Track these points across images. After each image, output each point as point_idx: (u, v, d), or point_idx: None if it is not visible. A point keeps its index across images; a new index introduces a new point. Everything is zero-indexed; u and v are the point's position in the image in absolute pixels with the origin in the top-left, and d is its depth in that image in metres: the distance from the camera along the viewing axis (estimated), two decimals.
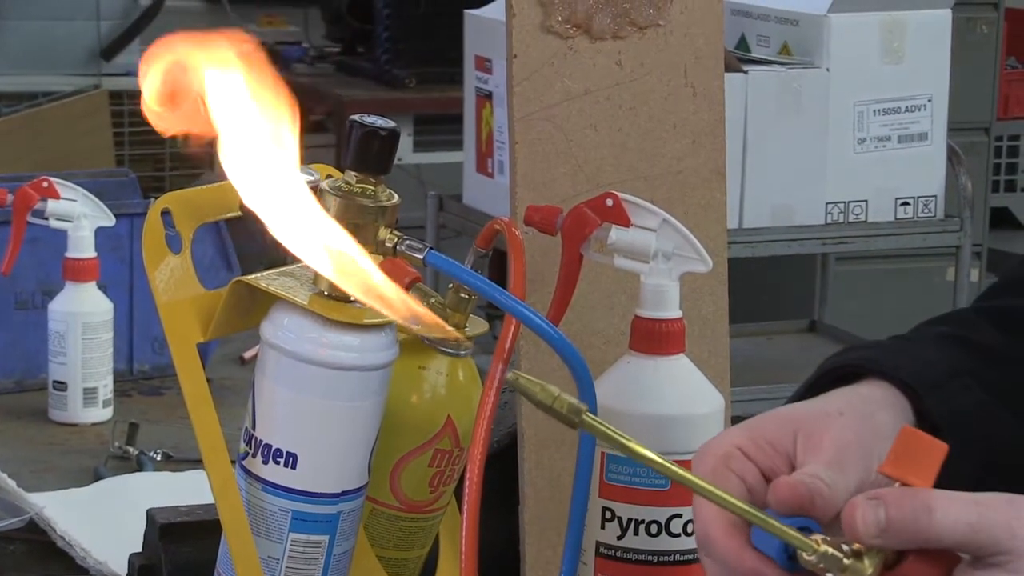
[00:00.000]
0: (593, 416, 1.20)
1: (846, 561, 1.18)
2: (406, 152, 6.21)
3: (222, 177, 1.41)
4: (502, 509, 1.66)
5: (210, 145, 1.40)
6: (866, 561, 1.18)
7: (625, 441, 1.21)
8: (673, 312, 1.52)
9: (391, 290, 1.21)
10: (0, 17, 6.32)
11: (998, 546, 1.12)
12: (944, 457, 1.20)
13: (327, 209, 1.36)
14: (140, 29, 6.76)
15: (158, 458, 2.39)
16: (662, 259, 1.52)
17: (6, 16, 6.33)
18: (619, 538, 1.52)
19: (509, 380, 1.25)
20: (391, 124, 1.41)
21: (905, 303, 5.94)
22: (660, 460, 1.23)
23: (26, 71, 6.33)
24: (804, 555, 1.18)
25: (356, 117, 1.40)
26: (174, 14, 7.10)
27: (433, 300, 1.45)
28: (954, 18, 4.92)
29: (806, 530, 1.23)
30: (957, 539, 1.12)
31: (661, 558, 1.50)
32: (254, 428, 1.42)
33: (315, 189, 1.37)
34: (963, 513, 1.12)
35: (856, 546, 1.18)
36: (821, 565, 1.18)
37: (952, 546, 1.13)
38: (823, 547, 1.18)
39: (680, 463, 1.48)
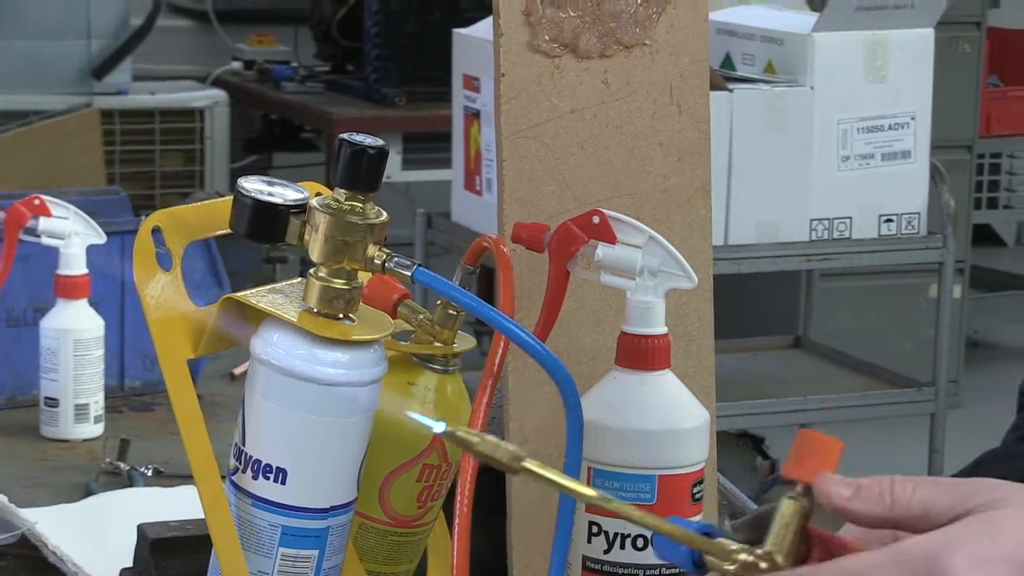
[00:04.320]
0: (533, 462, 1.19)
1: (762, 564, 1.18)
2: (395, 170, 6.22)
3: (212, 195, 1.41)
4: (489, 523, 1.65)
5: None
6: (779, 560, 1.18)
7: (566, 483, 1.22)
8: (659, 328, 1.52)
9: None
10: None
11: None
12: (840, 452, 1.21)
13: (316, 226, 1.36)
14: (131, 48, 6.76)
15: (149, 473, 2.38)
16: (648, 276, 1.52)
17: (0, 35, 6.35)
18: (606, 552, 1.51)
19: (446, 435, 1.25)
20: (379, 142, 1.41)
21: (889, 319, 5.96)
22: (601, 496, 1.24)
23: (17, 89, 6.34)
24: (723, 566, 1.19)
25: (345, 135, 1.40)
26: (164, 33, 7.10)
27: (422, 316, 1.45)
28: (937, 37, 4.93)
29: (713, 535, 1.23)
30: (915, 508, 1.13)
31: (648, 572, 1.50)
32: (244, 444, 1.42)
33: (305, 206, 1.37)
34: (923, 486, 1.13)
35: (767, 549, 1.18)
36: (732, 571, 1.18)
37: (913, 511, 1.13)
38: (740, 556, 1.18)
39: (666, 478, 1.50)
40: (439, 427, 1.22)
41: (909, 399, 5.16)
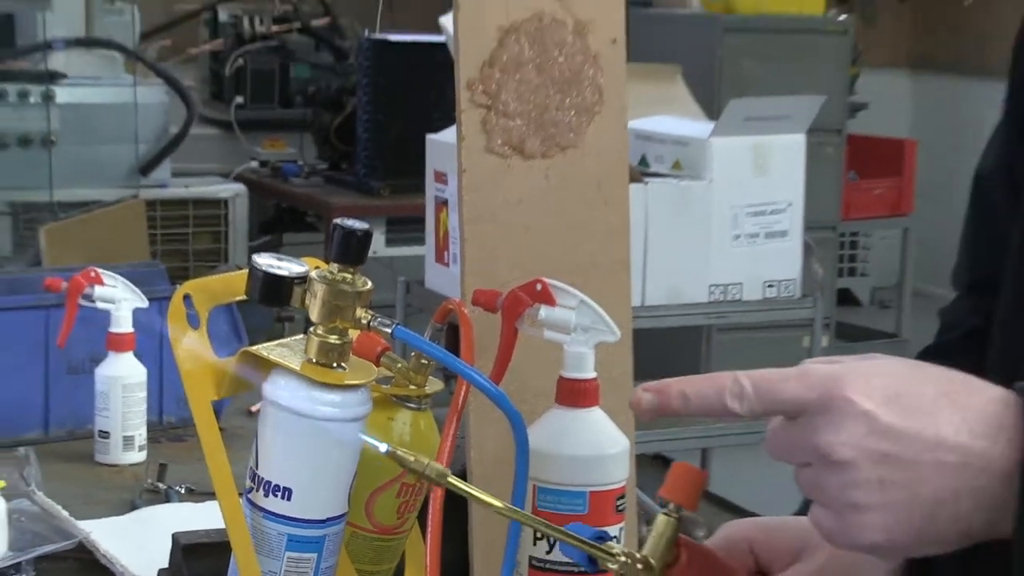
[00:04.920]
0: (455, 478, 1.27)
1: (639, 565, 1.20)
2: (380, 247, 6.21)
3: (233, 268, 1.41)
4: (455, 531, 1.64)
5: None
6: (652, 563, 1.20)
7: (480, 496, 1.27)
8: (589, 374, 1.52)
9: None
10: (61, 142, 6.31)
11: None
12: (704, 483, 1.23)
13: (315, 293, 1.36)
14: (170, 151, 6.75)
15: (182, 492, 2.37)
16: (580, 332, 1.51)
17: (64, 142, 6.32)
18: (547, 553, 1.51)
19: (388, 454, 1.29)
20: (365, 226, 1.40)
21: (771, 364, 5.93)
22: (507, 507, 1.29)
23: (80, 184, 6.32)
24: (606, 564, 1.22)
25: (338, 220, 1.39)
26: (196, 139, 7.09)
27: (400, 365, 1.44)
28: (807, 141, 4.95)
29: (602, 539, 1.26)
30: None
31: (579, 569, 1.49)
32: (257, 468, 1.41)
33: (306, 277, 1.37)
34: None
35: (642, 554, 1.21)
36: (616, 568, 1.21)
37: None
38: (620, 557, 1.21)
39: (595, 493, 1.49)
40: (383, 448, 1.28)
41: None
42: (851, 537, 1.13)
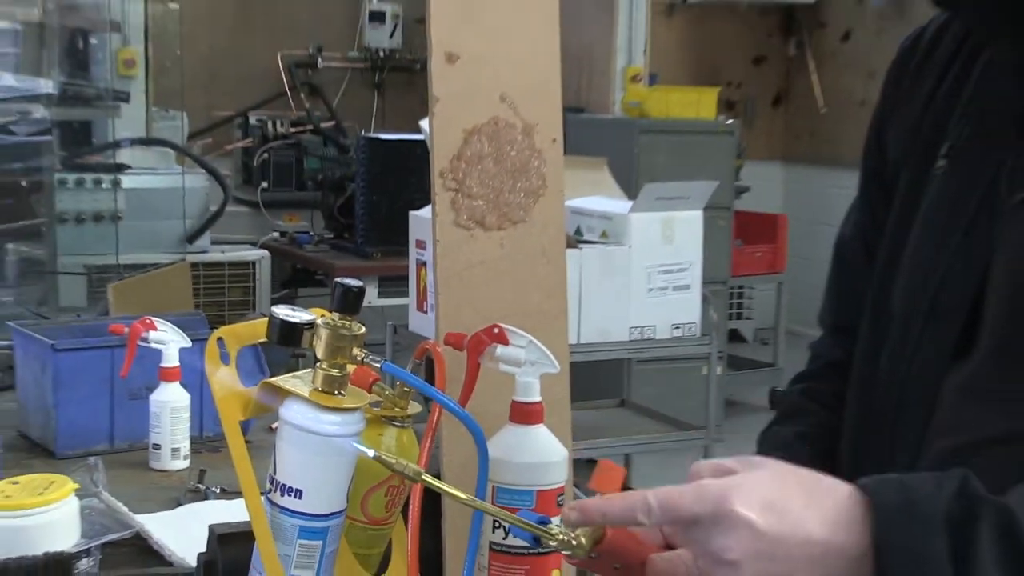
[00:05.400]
0: (429, 476, 1.27)
1: (573, 542, 1.20)
2: (373, 298, 6.21)
3: (258, 317, 1.41)
4: (431, 522, 1.63)
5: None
6: (583, 540, 1.20)
7: (448, 489, 1.28)
8: (536, 398, 1.51)
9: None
10: (126, 218, 6.29)
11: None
12: (624, 478, 1.23)
13: (320, 337, 1.35)
14: (210, 224, 6.74)
15: (217, 492, 2.35)
16: (528, 365, 1.51)
17: (128, 218, 6.30)
18: (503, 538, 1.50)
19: (375, 458, 1.29)
20: (359, 283, 1.40)
21: (677, 388, 5.94)
22: (469, 499, 1.29)
23: (139, 250, 6.30)
24: (548, 542, 1.22)
25: (339, 279, 1.40)
26: (231, 215, 7.07)
27: (387, 392, 1.43)
28: (704, 216, 4.97)
29: (545, 523, 1.26)
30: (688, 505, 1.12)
31: (529, 550, 1.48)
32: (275, 473, 1.39)
33: (312, 326, 1.36)
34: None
35: (575, 532, 1.21)
36: (556, 545, 1.22)
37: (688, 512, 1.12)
38: (559, 535, 1.21)
39: (541, 492, 1.48)
40: (371, 453, 1.29)
41: (690, 438, 5.15)
42: None
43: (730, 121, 8.16)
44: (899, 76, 1.47)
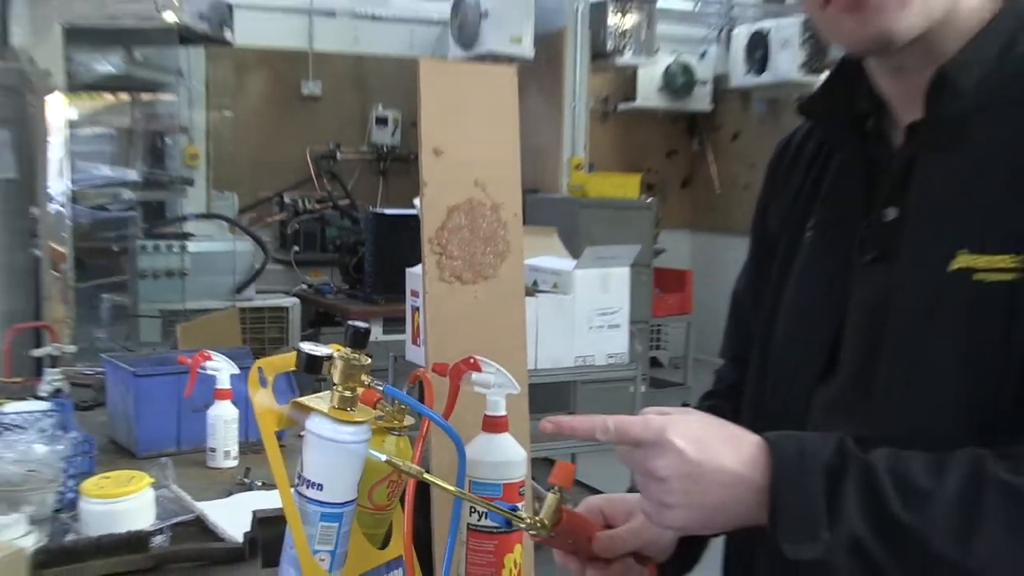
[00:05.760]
0: (428, 474, 1.28)
1: (539, 524, 1.21)
2: (378, 335, 6.19)
3: (290, 350, 1.40)
4: (423, 508, 1.62)
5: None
6: (545, 521, 1.21)
7: (442, 484, 1.28)
8: (502, 412, 1.50)
9: None
10: (191, 275, 6.31)
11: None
12: (574, 472, 1.24)
13: (337, 366, 1.34)
14: (253, 279, 6.74)
15: (259, 485, 2.33)
16: (496, 387, 1.50)
17: (192, 274, 6.33)
18: (479, 520, 1.48)
19: (387, 462, 1.31)
20: (366, 325, 1.39)
21: (611, 403, 5.91)
22: (457, 491, 1.30)
23: (200, 299, 6.31)
24: (517, 524, 1.24)
25: (350, 321, 1.39)
26: (270, 272, 7.07)
27: (388, 409, 1.43)
28: (630, 272, 4.98)
29: (515, 510, 1.30)
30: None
31: (499, 529, 1.47)
32: (302, 471, 1.38)
33: (330, 358, 1.35)
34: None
35: (539, 517, 1.22)
36: (524, 526, 1.22)
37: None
38: (526, 519, 1.22)
39: (506, 484, 1.47)
40: (383, 457, 1.30)
41: None
42: (662, 521, 1.14)
43: (649, 199, 8.19)
44: (776, 168, 1.49)
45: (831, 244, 1.33)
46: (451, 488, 1.29)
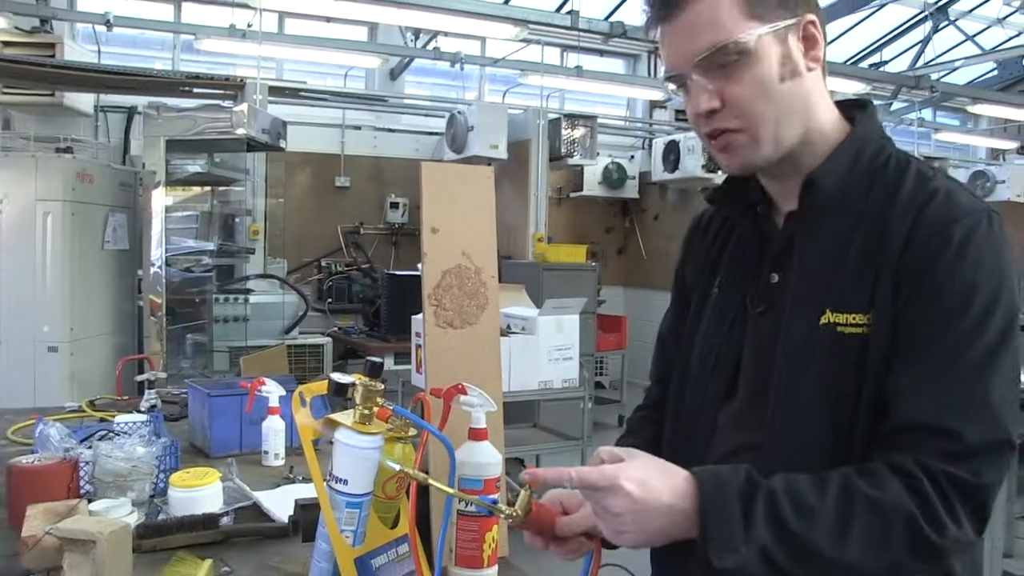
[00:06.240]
0: (431, 479, 1.25)
1: (514, 513, 1.19)
2: (390, 365, 6.12)
3: (325, 378, 1.38)
4: (423, 498, 1.60)
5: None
6: (519, 511, 1.19)
7: (440, 486, 1.25)
8: (483, 425, 1.49)
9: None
10: (252, 320, 6.27)
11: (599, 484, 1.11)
12: (554, 519, 1.25)
13: (358, 390, 1.33)
14: (298, 323, 6.68)
15: (301, 479, 2.29)
16: (479, 406, 1.48)
17: (252, 320, 6.29)
18: (466, 507, 1.47)
19: (400, 471, 1.29)
20: (381, 360, 1.39)
21: (565, 417, 5.86)
22: (453, 491, 1.28)
23: (259, 338, 6.28)
24: (497, 513, 1.20)
25: (369, 357, 1.38)
26: (309, 318, 7.02)
27: (397, 423, 1.41)
28: (580, 318, 4.96)
29: (494, 501, 1.30)
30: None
31: (481, 514, 1.45)
32: (332, 470, 1.36)
33: (353, 385, 1.33)
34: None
35: (515, 508, 1.20)
36: (502, 516, 1.20)
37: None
38: (504, 510, 1.20)
39: (487, 480, 1.45)
40: (397, 467, 1.29)
41: (574, 445, 5.10)
42: (618, 542, 1.13)
43: (594, 264, 8.19)
44: (691, 240, 1.50)
45: (731, 298, 1.34)
46: (451, 491, 1.28)
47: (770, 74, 1.17)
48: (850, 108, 1.29)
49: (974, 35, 9.29)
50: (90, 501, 1.81)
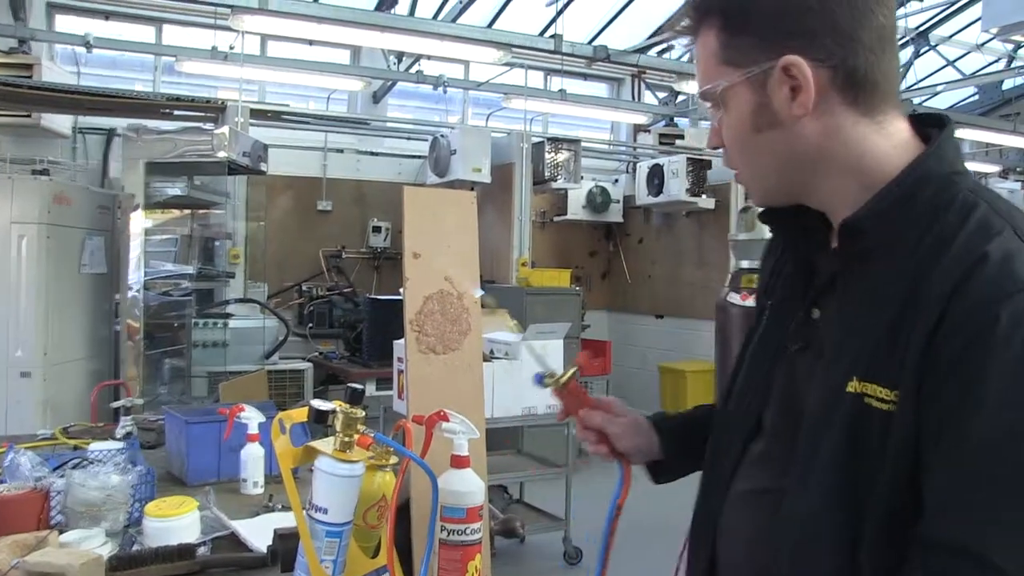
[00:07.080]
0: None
1: (558, 381, 1.36)
2: (372, 391, 6.09)
3: (305, 405, 1.37)
4: (404, 521, 1.58)
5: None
6: (562, 380, 1.38)
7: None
8: (465, 453, 1.48)
9: None
10: (230, 345, 6.24)
11: None
12: (588, 364, 1.26)
13: (338, 418, 1.32)
14: (277, 349, 6.66)
15: (279, 508, 2.27)
16: (461, 433, 1.48)
17: (232, 344, 6.26)
18: (448, 536, 1.45)
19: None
20: (361, 386, 1.38)
21: (549, 443, 5.85)
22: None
23: (237, 363, 6.25)
24: (546, 378, 1.38)
25: (349, 383, 1.38)
26: (290, 344, 6.98)
27: (378, 450, 1.40)
28: (564, 341, 4.98)
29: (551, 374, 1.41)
30: None
31: (463, 542, 1.44)
32: (312, 498, 1.35)
33: (334, 412, 1.33)
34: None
35: (560, 375, 1.37)
36: (550, 382, 1.37)
37: None
38: (553, 374, 1.36)
39: (469, 509, 1.44)
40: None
41: (558, 473, 5.09)
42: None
43: (577, 288, 8.20)
44: (763, 260, 1.41)
45: (773, 331, 1.27)
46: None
47: (741, 124, 1.11)
48: (928, 124, 1.14)
49: (955, 60, 9.41)
50: (62, 532, 1.79)
